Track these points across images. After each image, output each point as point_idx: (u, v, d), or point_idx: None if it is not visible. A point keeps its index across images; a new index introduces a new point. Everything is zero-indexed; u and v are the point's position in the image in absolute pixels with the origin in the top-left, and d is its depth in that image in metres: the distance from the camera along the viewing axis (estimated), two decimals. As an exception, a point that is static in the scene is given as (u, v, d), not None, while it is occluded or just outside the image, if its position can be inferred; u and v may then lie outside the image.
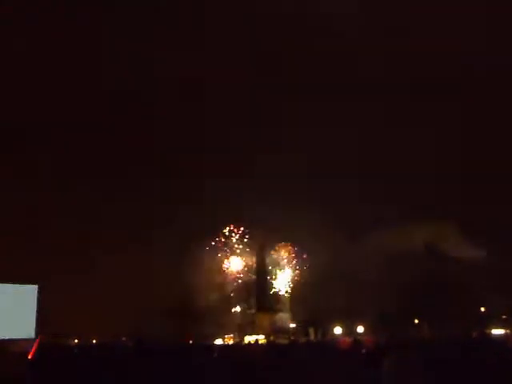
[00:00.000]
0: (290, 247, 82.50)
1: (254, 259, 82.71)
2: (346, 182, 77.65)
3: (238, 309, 79.72)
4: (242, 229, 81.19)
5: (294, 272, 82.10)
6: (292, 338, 61.46)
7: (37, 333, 42.50)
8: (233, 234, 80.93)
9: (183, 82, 79.16)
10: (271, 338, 62.99)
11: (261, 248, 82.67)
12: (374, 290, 68.58)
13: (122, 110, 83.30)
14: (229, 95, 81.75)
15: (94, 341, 53.03)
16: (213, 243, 78.80)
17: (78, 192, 79.17)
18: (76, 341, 58.40)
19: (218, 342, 66.01)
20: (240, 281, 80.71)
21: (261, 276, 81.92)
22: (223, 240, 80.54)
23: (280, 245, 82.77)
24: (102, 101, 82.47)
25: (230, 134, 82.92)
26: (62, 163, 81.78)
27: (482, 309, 70.97)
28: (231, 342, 68.79)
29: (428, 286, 70.28)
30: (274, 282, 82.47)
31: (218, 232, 79.43)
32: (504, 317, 68.49)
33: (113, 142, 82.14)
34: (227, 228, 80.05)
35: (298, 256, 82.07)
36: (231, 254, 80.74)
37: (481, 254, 75.65)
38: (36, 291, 44.77)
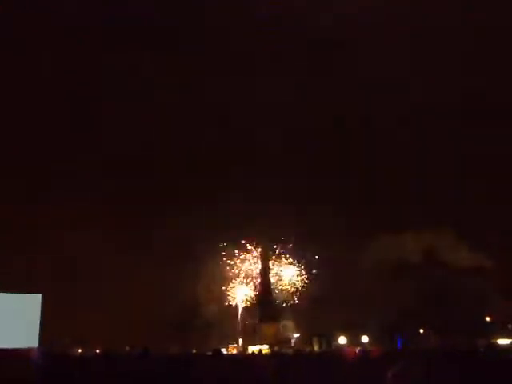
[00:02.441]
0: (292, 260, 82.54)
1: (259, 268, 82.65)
2: (345, 191, 77.90)
3: (241, 318, 79.56)
4: (245, 239, 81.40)
5: (298, 282, 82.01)
6: (296, 348, 61.16)
7: (40, 342, 42.53)
8: (236, 244, 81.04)
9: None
10: (275, 348, 62.63)
11: (264, 257, 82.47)
12: (378, 299, 68.26)
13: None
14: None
15: (98, 350, 52.86)
16: (216, 254, 78.81)
17: (82, 203, 79.30)
18: (79, 350, 58.31)
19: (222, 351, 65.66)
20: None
21: (264, 286, 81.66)
22: (226, 250, 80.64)
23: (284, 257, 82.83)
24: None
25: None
26: (64, 176, 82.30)
27: (488, 318, 70.45)
28: (235, 351, 68.44)
29: (432, 296, 69.88)
30: (277, 291, 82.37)
31: (220, 242, 79.38)
32: (510, 326, 67.97)
33: (111, 144, 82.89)
34: (230, 238, 80.00)
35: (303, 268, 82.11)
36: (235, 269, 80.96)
37: (485, 262, 75.23)
38: (40, 301, 44.92)
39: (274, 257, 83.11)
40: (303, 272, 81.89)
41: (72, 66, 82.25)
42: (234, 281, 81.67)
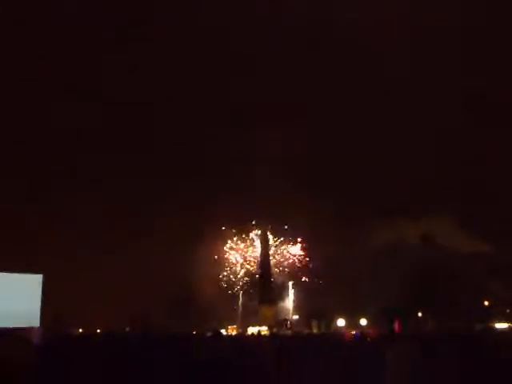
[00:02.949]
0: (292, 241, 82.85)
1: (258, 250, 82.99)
2: (344, 174, 77.99)
3: (241, 300, 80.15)
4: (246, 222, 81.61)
5: (297, 265, 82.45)
6: (295, 329, 61.69)
7: (41, 321, 42.89)
8: (237, 226, 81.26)
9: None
10: (274, 329, 63.14)
11: (264, 239, 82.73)
12: (377, 282, 68.61)
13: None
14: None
15: (98, 330, 53.26)
16: (215, 235, 79.02)
17: (83, 183, 79.59)
18: (80, 330, 58.75)
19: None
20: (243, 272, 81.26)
21: (264, 267, 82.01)
22: (226, 232, 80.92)
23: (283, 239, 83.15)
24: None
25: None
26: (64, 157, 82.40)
27: (486, 302, 70.87)
28: (234, 332, 69.04)
29: (430, 279, 70.17)
30: (277, 273, 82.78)
31: (221, 224, 79.56)
32: (508, 311, 68.45)
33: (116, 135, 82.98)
34: (230, 220, 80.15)
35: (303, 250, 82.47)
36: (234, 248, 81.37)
37: (483, 247, 75.48)
38: (41, 281, 45.10)
39: (273, 239, 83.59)
40: (302, 255, 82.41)
41: (72, 64, 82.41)
42: (233, 263, 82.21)
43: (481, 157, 77.01)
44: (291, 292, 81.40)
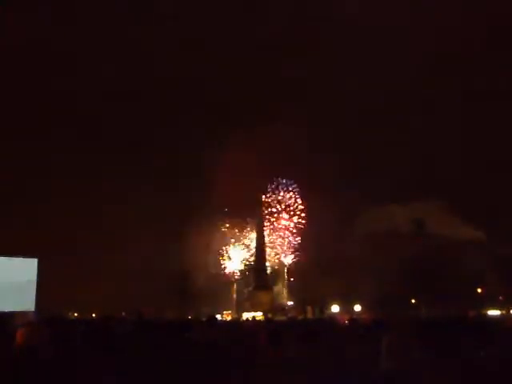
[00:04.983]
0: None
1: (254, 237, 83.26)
2: (341, 161, 78.16)
3: (236, 286, 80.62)
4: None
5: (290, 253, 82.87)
6: (289, 315, 62.05)
7: (36, 306, 42.91)
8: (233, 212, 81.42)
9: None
10: (269, 315, 63.53)
11: (260, 226, 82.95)
12: (371, 269, 68.98)
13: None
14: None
15: (94, 315, 53.42)
16: (210, 221, 79.16)
17: (78, 167, 79.37)
18: (75, 314, 58.92)
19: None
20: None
21: (259, 253, 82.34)
22: (221, 218, 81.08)
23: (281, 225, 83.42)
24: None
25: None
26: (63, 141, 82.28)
27: (479, 290, 71.43)
28: (229, 318, 69.47)
29: (424, 267, 70.59)
30: (271, 259, 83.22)
31: (217, 210, 79.65)
32: (501, 298, 69.02)
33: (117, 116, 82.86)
34: (228, 206, 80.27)
35: (296, 235, 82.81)
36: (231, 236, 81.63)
37: (476, 234, 75.91)
38: (36, 265, 45.00)
39: (268, 225, 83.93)
40: (296, 241, 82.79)
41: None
42: (229, 249, 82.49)
43: (475, 144, 77.51)
44: (285, 278, 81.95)
